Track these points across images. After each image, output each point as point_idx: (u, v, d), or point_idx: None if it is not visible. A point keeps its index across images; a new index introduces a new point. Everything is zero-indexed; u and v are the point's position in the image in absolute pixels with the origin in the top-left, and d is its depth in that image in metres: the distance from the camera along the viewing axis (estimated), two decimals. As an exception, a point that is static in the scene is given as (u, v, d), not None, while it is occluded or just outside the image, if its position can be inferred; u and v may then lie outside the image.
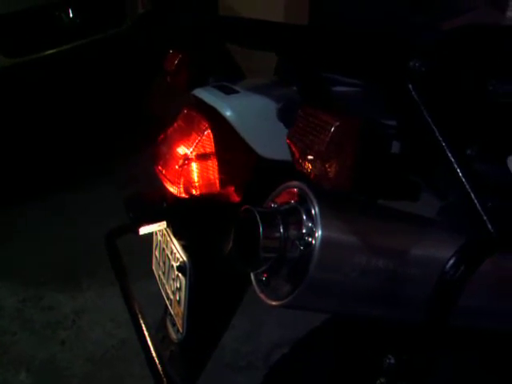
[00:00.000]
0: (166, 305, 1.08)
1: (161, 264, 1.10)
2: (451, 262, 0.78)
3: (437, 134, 0.84)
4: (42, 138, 2.63)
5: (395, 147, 0.98)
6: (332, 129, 0.66)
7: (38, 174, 2.74)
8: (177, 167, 0.93)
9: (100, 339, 2.09)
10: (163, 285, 1.09)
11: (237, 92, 0.95)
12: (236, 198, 0.94)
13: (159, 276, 1.12)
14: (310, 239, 0.75)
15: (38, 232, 2.62)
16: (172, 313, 1.04)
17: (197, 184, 0.95)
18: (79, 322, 2.19)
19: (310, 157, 0.69)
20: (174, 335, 1.07)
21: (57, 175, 2.81)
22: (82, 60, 2.60)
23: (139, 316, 1.01)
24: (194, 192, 0.95)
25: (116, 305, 2.16)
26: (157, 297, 1.19)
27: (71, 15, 2.42)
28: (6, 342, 2.10)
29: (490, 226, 0.79)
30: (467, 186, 0.81)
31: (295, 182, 0.81)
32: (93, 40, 2.54)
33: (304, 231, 0.76)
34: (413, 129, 0.94)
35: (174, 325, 1.06)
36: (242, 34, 1.00)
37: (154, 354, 0.95)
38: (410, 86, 0.85)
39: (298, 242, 0.76)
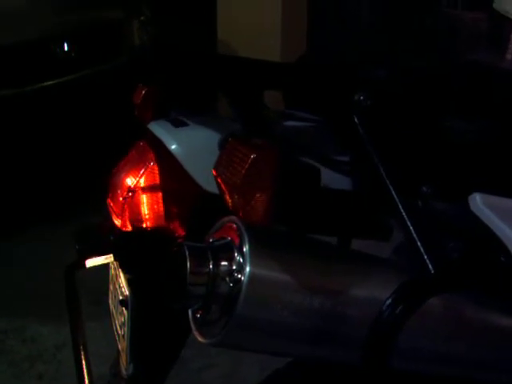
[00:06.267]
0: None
1: (112, 298, 1.08)
2: (388, 302, 0.75)
3: (381, 169, 0.83)
4: (33, 168, 2.64)
5: (348, 184, 0.97)
6: (248, 161, 0.64)
7: (25, 204, 2.75)
8: (121, 199, 0.92)
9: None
10: (114, 319, 1.07)
11: (186, 125, 0.95)
12: (181, 232, 0.93)
13: (112, 310, 1.10)
14: (239, 276, 0.73)
15: (23, 263, 2.61)
16: (119, 348, 1.02)
17: (144, 217, 0.94)
18: (60, 355, 2.16)
19: (229, 189, 0.67)
20: (123, 371, 1.04)
21: (44, 207, 2.81)
22: (78, 93, 2.63)
23: (81, 351, 0.99)
24: (140, 225, 0.93)
25: (98, 340, 2.12)
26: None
27: (66, 49, 2.46)
28: (-19, 375, 2.07)
29: (430, 266, 0.76)
30: (409, 224, 0.79)
31: (231, 217, 0.79)
32: (88, 73, 2.58)
33: (234, 267, 0.74)
34: (360, 164, 0.92)
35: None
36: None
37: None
38: (356, 119, 0.83)
39: (227, 279, 0.74)
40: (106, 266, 1.15)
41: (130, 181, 0.92)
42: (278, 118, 1.07)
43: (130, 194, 0.91)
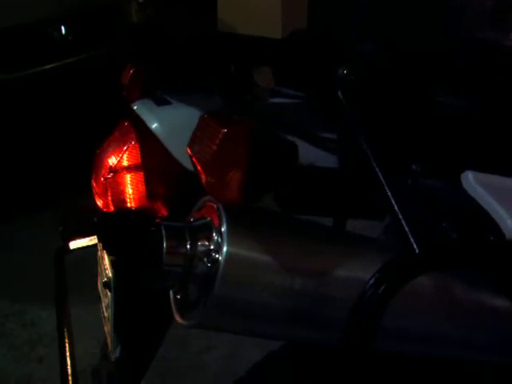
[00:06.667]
0: (105, 322, 1.05)
1: (99, 280, 1.07)
2: (371, 282, 0.73)
3: (365, 146, 0.80)
4: (34, 155, 2.63)
5: (334, 162, 0.94)
6: (219, 136, 0.62)
7: (23, 188, 2.73)
8: (102, 179, 0.90)
9: (79, 357, 2.05)
10: (101, 302, 1.06)
11: (169, 104, 0.93)
12: (164, 212, 0.91)
13: (99, 293, 1.08)
14: (216, 255, 0.71)
15: (23, 248, 2.61)
16: (106, 331, 1.01)
17: (127, 197, 0.92)
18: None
19: (202, 167, 0.65)
20: (110, 354, 1.03)
21: (45, 194, 2.79)
22: (77, 76, 2.60)
23: (65, 337, 0.98)
24: (123, 205, 0.92)
25: (98, 323, 2.12)
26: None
27: (63, 32, 2.43)
28: (-17, 358, 2.08)
29: (415, 245, 0.74)
30: (393, 202, 0.77)
31: (211, 197, 0.77)
32: (87, 57, 2.55)
33: (212, 247, 0.72)
34: (345, 141, 0.90)
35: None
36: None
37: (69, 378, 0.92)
38: (340, 93, 0.81)
39: (205, 259, 0.72)
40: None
41: (111, 161, 0.91)
42: (267, 95, 1.04)
43: (112, 174, 0.89)
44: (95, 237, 0.96)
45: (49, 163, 2.68)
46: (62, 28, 2.44)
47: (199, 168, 0.66)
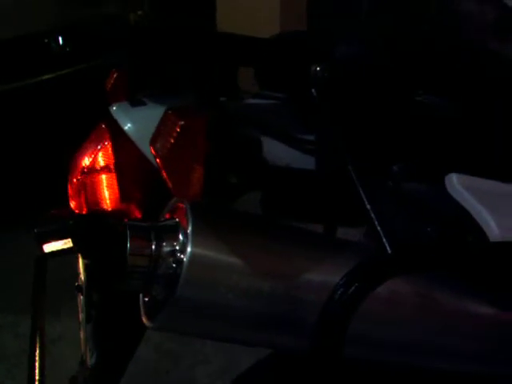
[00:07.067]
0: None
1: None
2: (340, 283, 0.71)
3: (340, 146, 0.79)
4: (31, 158, 2.62)
5: (312, 163, 0.92)
6: (177, 129, 0.60)
7: (23, 196, 2.72)
8: (75, 180, 0.89)
9: (73, 368, 2.03)
10: (77, 307, 1.04)
11: (144, 105, 0.92)
12: (138, 214, 0.89)
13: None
14: (181, 256, 0.69)
15: (19, 257, 2.59)
16: (81, 336, 0.99)
17: (100, 199, 0.91)
18: (54, 350, 2.14)
19: (160, 162, 0.64)
20: (87, 360, 1.01)
21: (43, 198, 2.78)
22: (76, 87, 2.61)
23: (37, 346, 0.96)
24: (96, 207, 0.90)
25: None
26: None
27: (61, 42, 2.43)
28: (-26, 370, 2.06)
29: (387, 246, 0.72)
30: (366, 203, 0.75)
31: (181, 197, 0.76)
32: (85, 67, 2.55)
33: (177, 248, 0.71)
34: (321, 141, 0.88)
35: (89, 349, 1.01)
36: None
37: None
38: (313, 91, 0.79)
39: (170, 260, 0.71)
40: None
41: (84, 162, 0.90)
42: (248, 96, 1.03)
43: (85, 175, 0.88)
44: (69, 240, 0.94)
45: (49, 171, 2.67)
46: (60, 39, 2.44)
47: (160, 164, 0.64)
